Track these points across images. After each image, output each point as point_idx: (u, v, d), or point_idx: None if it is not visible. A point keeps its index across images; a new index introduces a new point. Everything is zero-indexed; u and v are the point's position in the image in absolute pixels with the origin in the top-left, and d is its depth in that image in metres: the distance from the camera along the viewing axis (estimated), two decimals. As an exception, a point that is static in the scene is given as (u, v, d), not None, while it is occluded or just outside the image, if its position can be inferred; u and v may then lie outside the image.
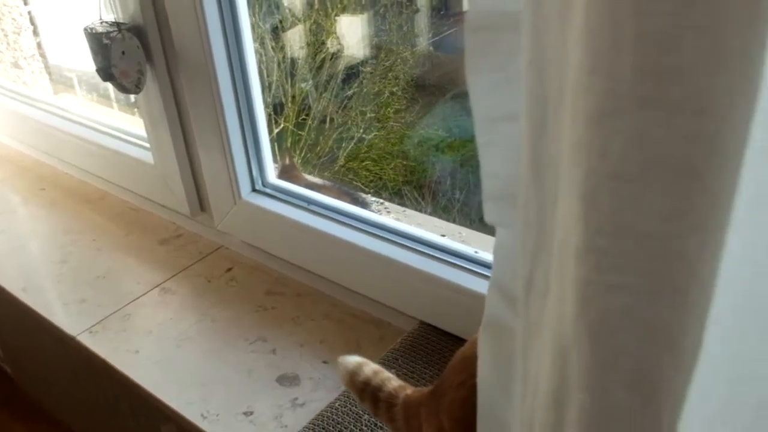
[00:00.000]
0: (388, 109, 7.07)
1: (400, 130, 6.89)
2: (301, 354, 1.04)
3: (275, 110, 6.62)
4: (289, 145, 6.61)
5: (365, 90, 6.87)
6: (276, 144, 6.23)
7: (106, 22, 1.18)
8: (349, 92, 6.90)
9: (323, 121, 6.87)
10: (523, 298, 0.44)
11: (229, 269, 1.32)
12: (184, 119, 1.27)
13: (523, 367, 0.45)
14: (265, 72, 6.27)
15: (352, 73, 6.98)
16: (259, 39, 6.09)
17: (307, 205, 1.24)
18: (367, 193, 6.71)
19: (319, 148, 6.74)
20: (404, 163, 6.72)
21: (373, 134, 6.85)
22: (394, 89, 6.99)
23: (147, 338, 1.09)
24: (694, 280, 0.32)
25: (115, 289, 1.22)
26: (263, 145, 1.27)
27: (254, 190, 1.29)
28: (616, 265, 0.33)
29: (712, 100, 0.28)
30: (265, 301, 1.19)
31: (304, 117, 6.87)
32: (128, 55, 1.16)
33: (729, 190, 0.30)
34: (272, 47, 6.23)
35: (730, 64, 0.28)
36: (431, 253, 1.04)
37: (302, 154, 6.76)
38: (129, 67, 1.18)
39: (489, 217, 0.47)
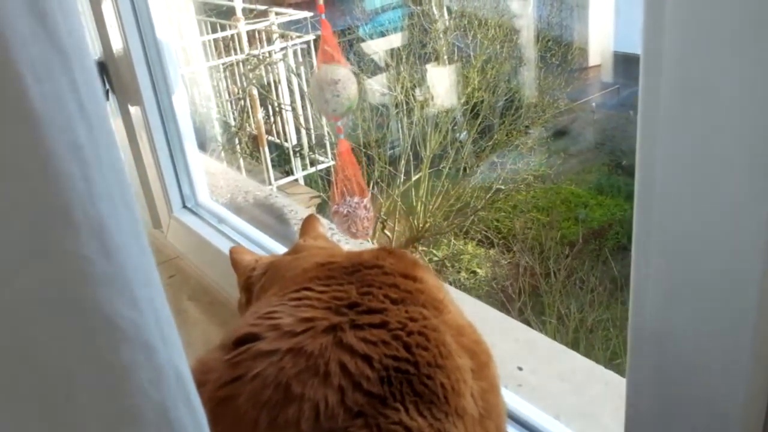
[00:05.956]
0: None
1: (537, 183, 6.67)
2: (186, 352, 1.28)
3: (414, 158, 6.55)
4: (423, 191, 6.46)
5: (499, 140, 6.72)
6: (413, 190, 6.35)
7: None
8: (489, 142, 6.73)
9: (458, 170, 6.73)
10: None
11: (172, 276, 1.62)
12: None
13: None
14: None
15: (488, 125, 6.87)
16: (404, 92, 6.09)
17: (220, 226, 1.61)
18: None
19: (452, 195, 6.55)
20: (539, 217, 6.44)
21: (509, 186, 6.67)
22: (528, 141, 6.80)
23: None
24: None
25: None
26: (192, 169, 1.65)
27: (185, 207, 1.66)
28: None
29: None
30: (184, 305, 1.49)
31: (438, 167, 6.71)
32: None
33: None
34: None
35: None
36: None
37: (436, 202, 6.58)
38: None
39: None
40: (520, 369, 1.32)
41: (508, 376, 1.29)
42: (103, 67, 1.59)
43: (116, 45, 1.53)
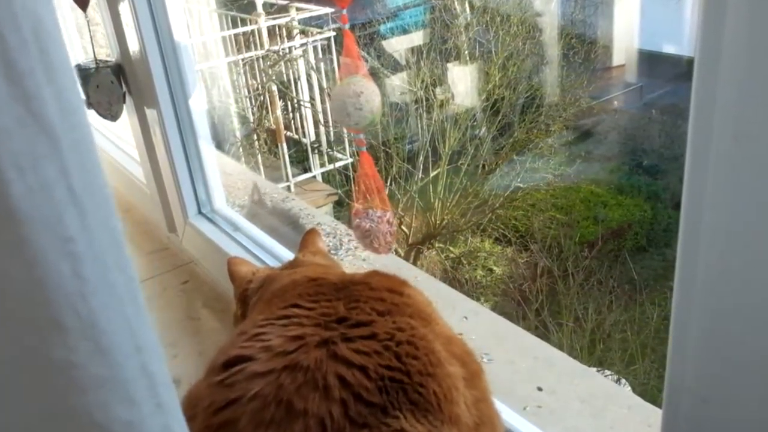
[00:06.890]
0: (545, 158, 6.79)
1: (557, 181, 6.66)
2: (197, 362, 1.12)
3: (432, 154, 6.56)
4: (440, 188, 6.47)
5: (519, 138, 6.73)
6: (430, 186, 6.37)
7: (94, 60, 1.52)
8: (509, 140, 6.73)
9: (477, 167, 6.75)
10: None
11: (186, 281, 1.60)
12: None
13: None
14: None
15: (508, 122, 6.86)
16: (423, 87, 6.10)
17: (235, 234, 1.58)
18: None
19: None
20: (557, 216, 6.42)
21: (528, 184, 6.68)
22: (548, 139, 6.80)
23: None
24: None
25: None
26: (208, 174, 1.62)
27: (200, 213, 1.65)
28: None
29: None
30: (198, 313, 1.46)
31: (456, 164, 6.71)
32: (101, 88, 1.49)
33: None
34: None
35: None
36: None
37: (454, 198, 6.60)
38: (101, 99, 1.50)
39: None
40: (540, 389, 1.28)
41: (527, 396, 1.25)
42: (120, 70, 1.57)
43: (133, 47, 1.51)
